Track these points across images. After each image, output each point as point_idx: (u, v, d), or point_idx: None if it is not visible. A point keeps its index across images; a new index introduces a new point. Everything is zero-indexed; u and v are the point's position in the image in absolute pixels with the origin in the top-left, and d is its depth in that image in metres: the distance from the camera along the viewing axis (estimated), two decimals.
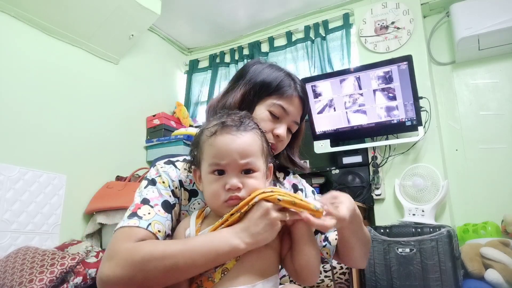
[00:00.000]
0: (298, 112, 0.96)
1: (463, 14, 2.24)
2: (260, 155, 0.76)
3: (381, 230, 1.94)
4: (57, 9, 2.23)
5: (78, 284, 1.76)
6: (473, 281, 1.80)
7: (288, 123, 0.94)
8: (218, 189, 0.73)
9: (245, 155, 0.73)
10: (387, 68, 2.16)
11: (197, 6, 2.87)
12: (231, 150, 0.72)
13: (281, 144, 0.94)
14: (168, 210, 0.79)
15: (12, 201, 2.00)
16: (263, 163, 0.77)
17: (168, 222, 0.78)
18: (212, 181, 0.74)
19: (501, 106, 2.29)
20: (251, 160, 0.73)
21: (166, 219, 0.77)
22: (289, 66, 2.98)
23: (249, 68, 0.97)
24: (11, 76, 2.10)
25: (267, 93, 0.92)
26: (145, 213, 0.75)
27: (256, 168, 0.74)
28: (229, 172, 0.73)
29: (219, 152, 0.72)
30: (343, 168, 2.36)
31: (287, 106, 0.92)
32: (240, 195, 0.72)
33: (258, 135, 0.78)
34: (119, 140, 2.71)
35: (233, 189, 0.71)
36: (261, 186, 0.74)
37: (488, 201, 2.19)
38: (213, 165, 0.73)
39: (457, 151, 2.35)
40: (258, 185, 0.74)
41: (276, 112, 0.91)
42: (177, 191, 0.83)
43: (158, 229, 0.74)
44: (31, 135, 2.15)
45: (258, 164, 0.75)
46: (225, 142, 0.73)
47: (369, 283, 1.87)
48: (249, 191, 0.72)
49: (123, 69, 2.82)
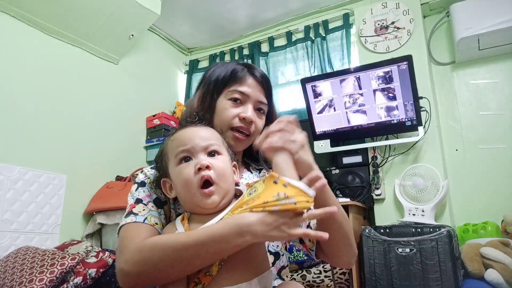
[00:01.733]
0: (258, 91, 0.96)
1: (463, 14, 2.24)
2: (221, 144, 0.80)
3: (381, 230, 1.94)
4: (57, 9, 2.23)
5: (78, 284, 1.76)
6: (473, 281, 1.80)
7: (252, 103, 0.95)
8: (189, 174, 0.73)
9: (207, 139, 0.77)
10: (387, 68, 2.16)
11: (197, 6, 2.87)
12: (193, 136, 0.77)
13: (254, 126, 0.94)
14: (160, 206, 0.83)
15: (12, 201, 2.00)
16: (226, 152, 0.80)
17: (162, 217, 0.82)
18: (182, 170, 0.74)
19: (501, 106, 2.29)
20: (214, 142, 0.77)
21: (159, 213, 0.82)
22: (289, 66, 2.99)
23: (206, 73, 1.02)
24: (11, 76, 2.10)
25: (222, 85, 0.95)
26: (139, 210, 0.79)
27: (220, 152, 0.78)
28: (195, 156, 0.75)
29: (182, 140, 0.76)
30: (343, 168, 2.36)
31: (243, 88, 0.94)
32: (211, 175, 0.72)
33: (216, 132, 0.83)
34: (119, 140, 2.71)
35: (203, 168, 0.72)
36: (229, 170, 0.77)
37: (488, 201, 2.19)
38: (179, 153, 0.76)
39: (457, 151, 2.35)
40: (226, 168, 0.76)
41: (234, 98, 0.94)
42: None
43: (154, 221, 0.78)
44: (31, 135, 2.15)
45: (222, 150, 0.79)
46: (187, 131, 0.79)
47: (369, 283, 1.87)
48: (218, 171, 0.74)
49: (123, 69, 2.82)
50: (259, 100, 0.96)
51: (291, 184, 0.66)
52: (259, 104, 0.96)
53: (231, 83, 0.94)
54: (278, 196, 0.64)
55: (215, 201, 0.73)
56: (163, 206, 0.84)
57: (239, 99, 0.94)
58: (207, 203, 0.72)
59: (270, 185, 0.67)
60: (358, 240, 1.98)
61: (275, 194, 0.65)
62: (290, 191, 0.65)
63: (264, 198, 0.66)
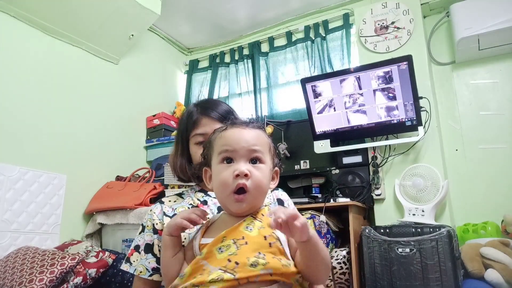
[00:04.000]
0: (214, 126, 0.95)
1: (463, 14, 2.24)
2: (267, 150, 0.81)
3: (381, 230, 1.94)
4: (57, 9, 2.23)
5: (78, 284, 1.76)
6: (473, 281, 1.80)
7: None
8: (227, 177, 0.75)
9: (254, 143, 0.77)
10: (387, 68, 2.16)
11: (197, 6, 2.87)
12: (240, 138, 0.78)
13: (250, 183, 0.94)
14: (148, 251, 0.96)
15: (12, 201, 2.00)
16: (269, 160, 0.81)
17: (149, 260, 0.95)
18: (221, 170, 0.77)
19: (501, 106, 2.29)
20: (259, 148, 0.78)
21: (146, 259, 0.95)
22: (289, 66, 2.99)
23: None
24: (11, 76, 2.10)
25: (186, 134, 1.04)
26: (134, 259, 0.96)
27: (263, 160, 0.78)
28: (237, 159, 0.76)
29: (229, 140, 0.78)
30: (343, 168, 2.35)
31: (201, 130, 1.00)
32: (247, 184, 0.74)
33: (265, 134, 0.83)
34: (119, 140, 2.71)
35: (241, 176, 0.74)
36: (266, 181, 0.77)
37: (488, 201, 2.19)
38: (222, 152, 0.77)
39: (457, 151, 2.35)
40: (263, 179, 0.76)
41: (199, 142, 1.00)
42: (159, 224, 0.97)
43: (140, 270, 0.94)
44: (31, 135, 2.15)
45: (266, 158, 0.79)
46: (235, 132, 0.79)
47: (369, 283, 1.87)
48: (254, 182, 0.75)
49: (123, 69, 2.82)
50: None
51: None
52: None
53: (191, 129, 1.02)
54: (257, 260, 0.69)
55: (243, 208, 0.76)
56: (151, 250, 0.96)
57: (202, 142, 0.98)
58: (236, 208, 0.76)
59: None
60: (358, 240, 1.98)
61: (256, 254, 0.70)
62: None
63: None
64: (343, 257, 1.98)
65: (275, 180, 0.84)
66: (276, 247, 0.72)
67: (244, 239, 0.71)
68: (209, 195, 1.02)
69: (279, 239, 0.74)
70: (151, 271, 0.95)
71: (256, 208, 0.78)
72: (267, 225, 0.74)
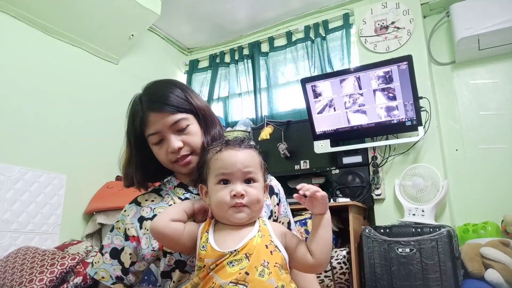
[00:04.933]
0: (161, 118, 0.91)
1: (463, 14, 2.24)
2: (259, 169, 0.85)
3: (381, 230, 1.94)
4: (57, 9, 2.23)
5: (78, 284, 1.76)
6: (473, 281, 1.80)
7: (166, 134, 0.91)
8: (224, 196, 0.80)
9: (247, 165, 0.82)
10: (387, 68, 2.16)
11: (197, 6, 2.87)
12: (236, 161, 0.82)
13: (187, 147, 0.92)
14: (115, 256, 0.92)
15: (12, 201, 2.00)
16: (261, 177, 0.86)
17: (114, 267, 0.91)
18: (218, 190, 0.81)
19: (501, 106, 2.29)
20: (253, 169, 0.83)
21: (111, 265, 0.91)
22: (289, 66, 2.99)
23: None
24: (11, 76, 2.10)
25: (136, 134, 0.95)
26: (96, 261, 0.94)
27: (256, 179, 0.83)
28: (233, 181, 0.81)
29: (225, 163, 0.82)
30: (343, 168, 2.35)
31: (152, 129, 0.92)
32: (243, 202, 0.79)
33: (256, 152, 0.87)
34: (119, 140, 2.67)
35: (238, 196, 0.79)
36: (261, 196, 0.82)
37: (488, 201, 2.19)
38: (219, 175, 0.82)
39: (457, 151, 2.35)
40: (258, 195, 0.81)
41: (154, 141, 0.93)
42: (132, 230, 0.92)
43: (102, 275, 0.91)
44: (31, 135, 2.15)
45: (258, 176, 0.84)
46: (230, 155, 0.83)
47: (369, 283, 1.87)
48: (251, 198, 0.80)
49: (123, 69, 2.82)
50: (171, 124, 0.91)
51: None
52: (175, 125, 0.91)
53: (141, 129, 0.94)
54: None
55: (243, 218, 0.80)
56: (119, 256, 0.92)
57: (158, 140, 0.92)
58: (237, 218, 0.79)
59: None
60: (358, 240, 1.98)
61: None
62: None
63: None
64: (343, 257, 1.98)
65: (266, 193, 0.89)
66: (276, 255, 0.77)
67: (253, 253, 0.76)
68: (190, 191, 0.98)
69: (277, 247, 0.79)
70: (114, 279, 0.91)
71: (254, 219, 0.83)
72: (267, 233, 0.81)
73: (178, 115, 0.91)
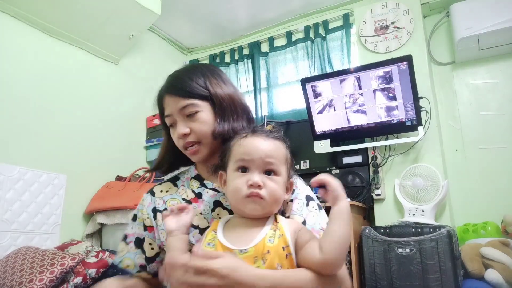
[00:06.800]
0: (173, 101, 0.91)
1: (463, 14, 2.23)
2: (283, 162, 0.80)
3: (381, 230, 1.94)
4: (57, 9, 2.23)
5: (78, 284, 1.76)
6: (473, 281, 1.80)
7: (177, 118, 0.91)
8: (240, 185, 0.76)
9: (270, 155, 0.77)
10: (387, 68, 2.16)
11: (197, 6, 2.87)
12: (257, 148, 0.78)
13: (194, 134, 0.90)
14: (139, 246, 0.94)
15: (12, 201, 2.00)
16: (285, 172, 0.80)
17: (138, 256, 0.93)
18: (236, 177, 0.78)
19: (501, 106, 2.29)
20: (275, 161, 0.78)
21: (135, 254, 0.93)
22: (289, 66, 2.99)
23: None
24: (11, 76, 2.10)
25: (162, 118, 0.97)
26: (121, 249, 0.95)
27: (278, 172, 0.78)
28: (252, 170, 0.77)
29: (246, 149, 0.78)
30: (343, 168, 2.35)
31: (166, 111, 0.93)
32: (261, 193, 0.75)
33: (284, 145, 0.83)
34: (119, 140, 2.71)
35: (255, 186, 0.75)
36: (280, 192, 0.77)
37: (488, 201, 2.19)
38: (239, 161, 0.78)
39: (457, 151, 2.35)
40: (277, 189, 0.77)
41: (168, 123, 0.94)
42: (148, 220, 0.95)
43: (127, 264, 0.93)
44: (31, 135, 2.15)
45: (281, 169, 0.79)
46: (253, 142, 0.80)
47: (369, 283, 1.87)
48: (269, 191, 0.75)
49: (123, 69, 2.82)
50: (180, 109, 0.90)
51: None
52: (183, 110, 0.90)
53: (160, 113, 0.97)
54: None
55: (256, 210, 0.76)
56: (142, 245, 0.94)
57: (171, 123, 0.93)
58: (250, 209, 0.76)
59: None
60: (358, 240, 1.98)
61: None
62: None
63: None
64: None
65: (289, 192, 0.84)
66: (291, 259, 0.73)
67: (269, 252, 0.71)
68: (204, 184, 0.95)
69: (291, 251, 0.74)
70: (138, 268, 0.93)
71: (270, 214, 0.79)
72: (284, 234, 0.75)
73: (188, 100, 0.89)
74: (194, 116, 0.90)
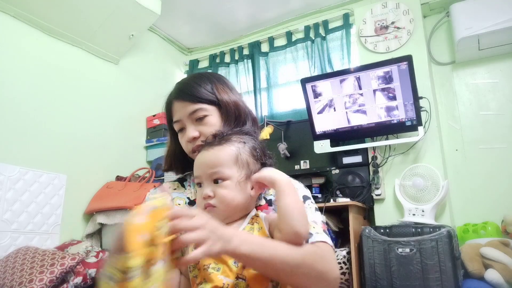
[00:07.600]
0: (182, 107, 0.94)
1: (463, 14, 2.23)
2: (231, 164, 0.80)
3: (381, 230, 1.94)
4: (57, 9, 2.23)
5: (78, 284, 1.76)
6: (473, 281, 1.80)
7: (186, 123, 0.93)
8: (199, 200, 0.82)
9: (212, 165, 0.80)
10: (387, 68, 2.16)
11: (197, 6, 2.87)
12: (200, 163, 0.82)
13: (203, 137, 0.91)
14: None
15: (12, 201, 2.00)
16: (236, 172, 0.80)
17: None
18: (198, 193, 0.84)
19: (501, 106, 2.29)
20: (218, 169, 0.79)
21: None
22: (289, 66, 2.99)
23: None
24: (11, 76, 2.10)
25: (170, 124, 0.99)
26: None
27: (225, 177, 0.79)
28: (204, 183, 0.81)
29: (195, 167, 0.84)
30: (343, 168, 2.35)
31: (175, 117, 0.96)
32: (211, 203, 0.78)
33: (231, 146, 0.82)
34: (119, 140, 2.71)
35: (206, 198, 0.79)
36: (232, 194, 0.78)
37: (488, 201, 2.19)
38: (195, 178, 0.84)
39: (457, 151, 2.35)
40: (228, 194, 0.78)
41: (177, 128, 0.96)
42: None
43: None
44: (31, 135, 2.15)
45: (227, 173, 0.79)
46: (198, 158, 0.84)
47: (369, 283, 1.87)
48: (218, 199, 0.78)
49: (123, 69, 2.82)
50: (190, 113, 0.93)
51: None
52: (193, 114, 0.93)
53: (168, 118, 1.00)
54: None
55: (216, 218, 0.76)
56: None
57: (180, 129, 0.96)
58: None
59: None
60: (358, 240, 1.98)
61: None
62: None
63: None
64: (343, 257, 1.98)
65: (257, 191, 0.83)
66: None
67: None
68: None
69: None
70: None
71: (232, 219, 0.80)
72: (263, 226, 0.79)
73: (197, 105, 0.93)
74: (203, 120, 0.93)
